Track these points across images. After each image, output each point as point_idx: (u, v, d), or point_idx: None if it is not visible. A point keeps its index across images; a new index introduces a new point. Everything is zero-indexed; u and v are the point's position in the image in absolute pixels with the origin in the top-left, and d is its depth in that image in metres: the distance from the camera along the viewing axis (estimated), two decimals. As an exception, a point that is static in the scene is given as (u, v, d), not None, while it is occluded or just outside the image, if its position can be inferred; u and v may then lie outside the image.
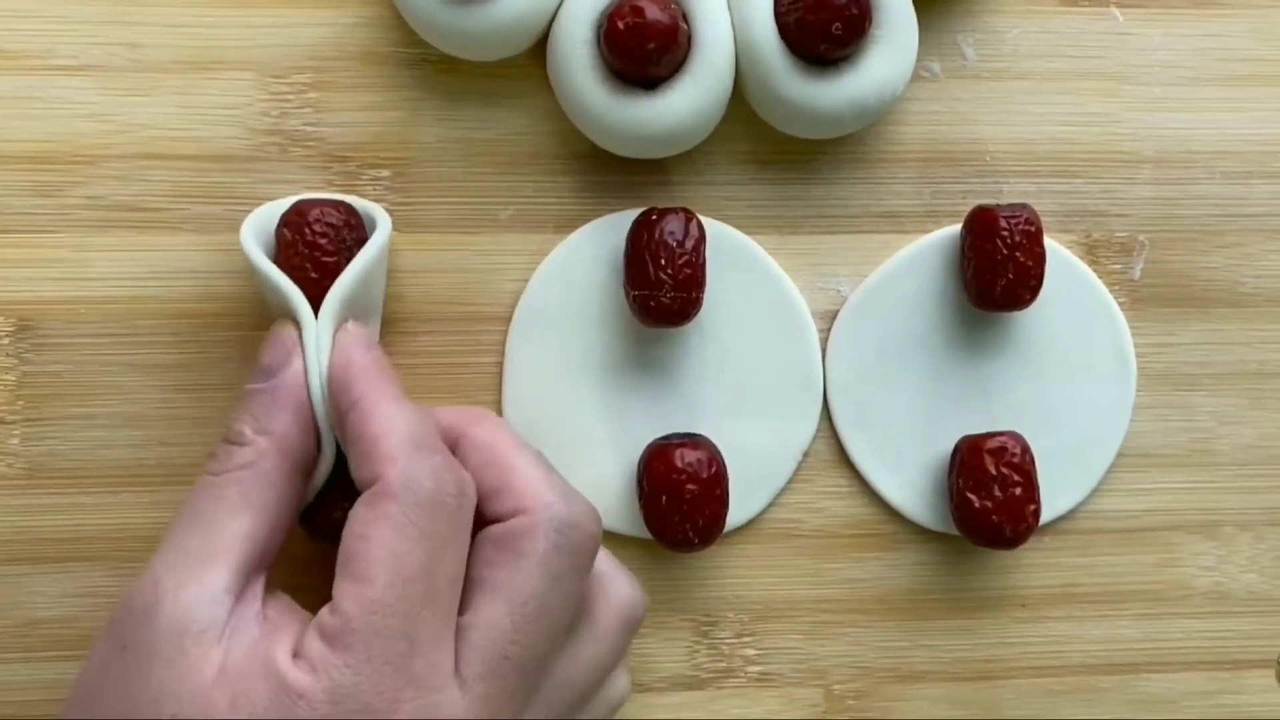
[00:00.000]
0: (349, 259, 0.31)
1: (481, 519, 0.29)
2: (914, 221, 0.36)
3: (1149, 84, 0.36)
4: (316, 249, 0.31)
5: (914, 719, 0.37)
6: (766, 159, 0.35)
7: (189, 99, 0.33)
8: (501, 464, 0.29)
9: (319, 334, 0.30)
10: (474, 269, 0.35)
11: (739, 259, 0.35)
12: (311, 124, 0.34)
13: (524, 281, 0.35)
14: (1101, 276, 0.36)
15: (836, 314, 0.36)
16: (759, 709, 0.37)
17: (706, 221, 0.34)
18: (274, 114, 0.34)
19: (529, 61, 0.34)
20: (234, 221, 0.32)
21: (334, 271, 0.31)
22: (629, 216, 0.33)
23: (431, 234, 0.35)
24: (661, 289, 0.32)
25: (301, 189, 0.34)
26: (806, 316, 0.36)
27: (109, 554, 0.34)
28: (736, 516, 0.35)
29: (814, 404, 0.36)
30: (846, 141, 0.36)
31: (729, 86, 0.33)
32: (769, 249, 0.35)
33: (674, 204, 0.33)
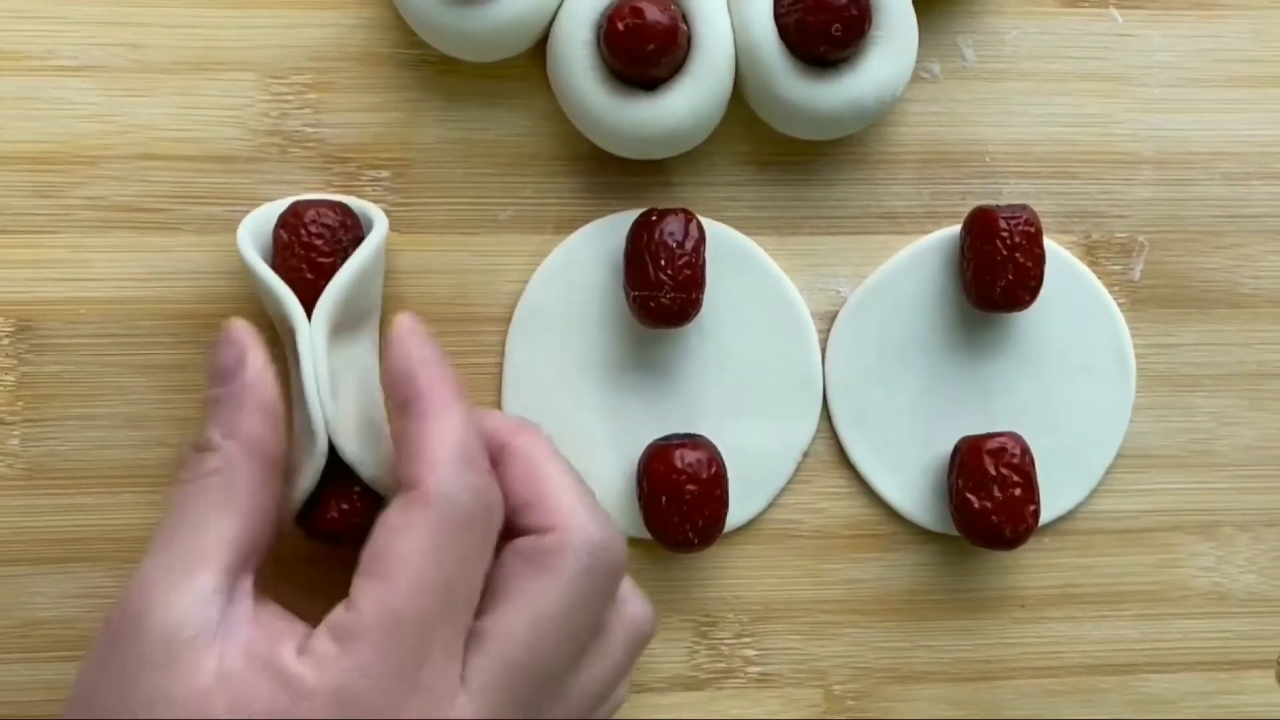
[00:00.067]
0: (345, 260, 0.31)
1: (510, 529, 0.28)
2: (914, 222, 0.36)
3: (1148, 85, 0.36)
4: (313, 250, 0.31)
5: (914, 719, 0.37)
6: (766, 160, 0.35)
7: (189, 99, 0.33)
8: (539, 479, 0.29)
9: (313, 336, 0.30)
10: (473, 270, 0.35)
11: (739, 260, 0.35)
12: (311, 125, 0.34)
13: (524, 282, 0.35)
14: (1101, 277, 0.36)
15: (836, 314, 0.36)
16: (759, 709, 0.37)
17: (706, 222, 0.34)
18: (274, 115, 0.34)
19: (529, 62, 0.34)
20: (234, 222, 0.32)
21: (330, 272, 0.31)
22: (629, 217, 0.33)
23: (431, 235, 0.35)
24: (661, 290, 0.32)
25: (301, 190, 0.34)
26: (806, 317, 0.36)
27: (109, 554, 0.34)
28: (736, 517, 0.35)
29: (814, 404, 0.36)
30: (846, 142, 0.36)
31: (729, 87, 0.33)
32: (769, 250, 0.35)
33: (674, 205, 0.33)
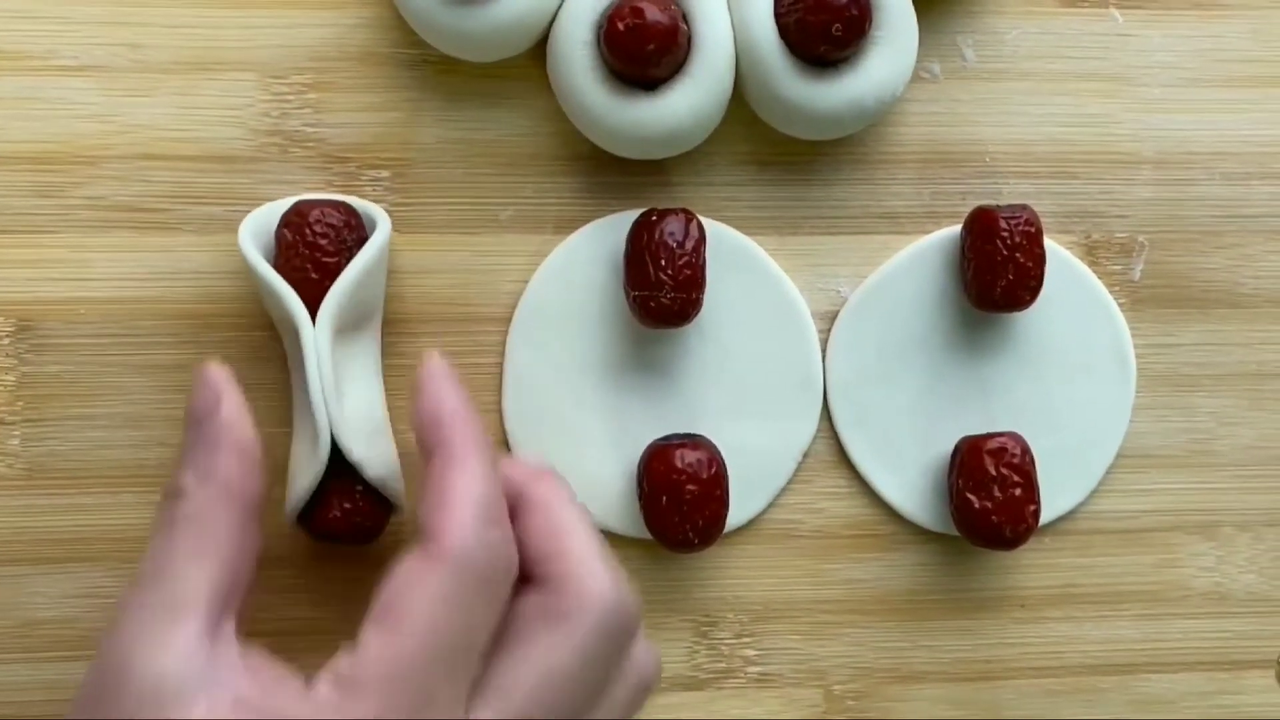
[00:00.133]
0: (349, 259, 0.31)
1: (525, 576, 0.28)
2: (914, 222, 0.36)
3: (1148, 85, 0.36)
4: (317, 249, 0.31)
5: (914, 719, 0.37)
6: (766, 160, 0.35)
7: (189, 99, 0.33)
8: (557, 533, 0.29)
9: (318, 337, 0.30)
10: (474, 270, 0.35)
11: (739, 259, 0.35)
12: (312, 124, 0.34)
13: (524, 282, 0.35)
14: (1101, 277, 0.36)
15: (836, 314, 0.36)
16: (759, 709, 0.37)
17: (706, 222, 0.34)
18: (274, 114, 0.34)
19: (529, 62, 0.34)
20: (234, 222, 0.32)
21: (335, 272, 0.31)
22: (629, 217, 0.33)
23: (431, 235, 0.34)
24: (661, 290, 0.32)
25: (302, 189, 0.34)
26: (806, 317, 0.36)
27: (109, 554, 0.34)
28: (736, 517, 0.35)
29: (814, 404, 0.36)
30: (846, 142, 0.36)
31: (729, 87, 0.33)
32: (769, 250, 0.35)
33: (674, 205, 0.33)
